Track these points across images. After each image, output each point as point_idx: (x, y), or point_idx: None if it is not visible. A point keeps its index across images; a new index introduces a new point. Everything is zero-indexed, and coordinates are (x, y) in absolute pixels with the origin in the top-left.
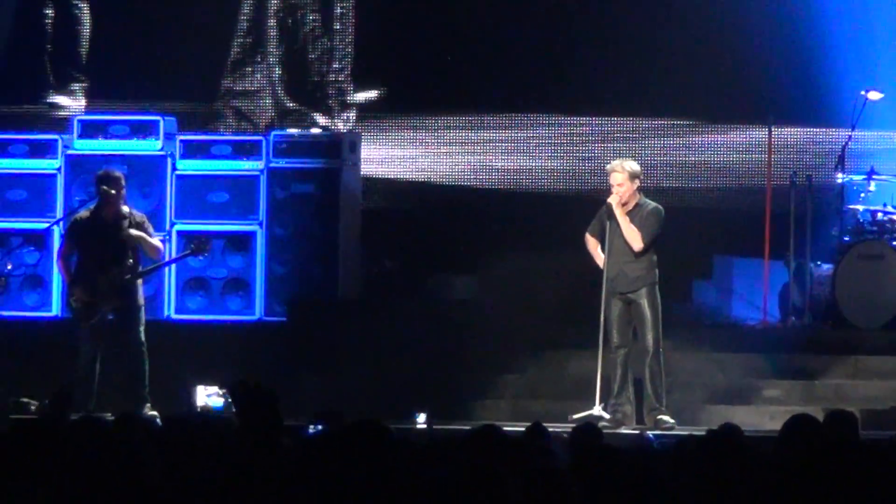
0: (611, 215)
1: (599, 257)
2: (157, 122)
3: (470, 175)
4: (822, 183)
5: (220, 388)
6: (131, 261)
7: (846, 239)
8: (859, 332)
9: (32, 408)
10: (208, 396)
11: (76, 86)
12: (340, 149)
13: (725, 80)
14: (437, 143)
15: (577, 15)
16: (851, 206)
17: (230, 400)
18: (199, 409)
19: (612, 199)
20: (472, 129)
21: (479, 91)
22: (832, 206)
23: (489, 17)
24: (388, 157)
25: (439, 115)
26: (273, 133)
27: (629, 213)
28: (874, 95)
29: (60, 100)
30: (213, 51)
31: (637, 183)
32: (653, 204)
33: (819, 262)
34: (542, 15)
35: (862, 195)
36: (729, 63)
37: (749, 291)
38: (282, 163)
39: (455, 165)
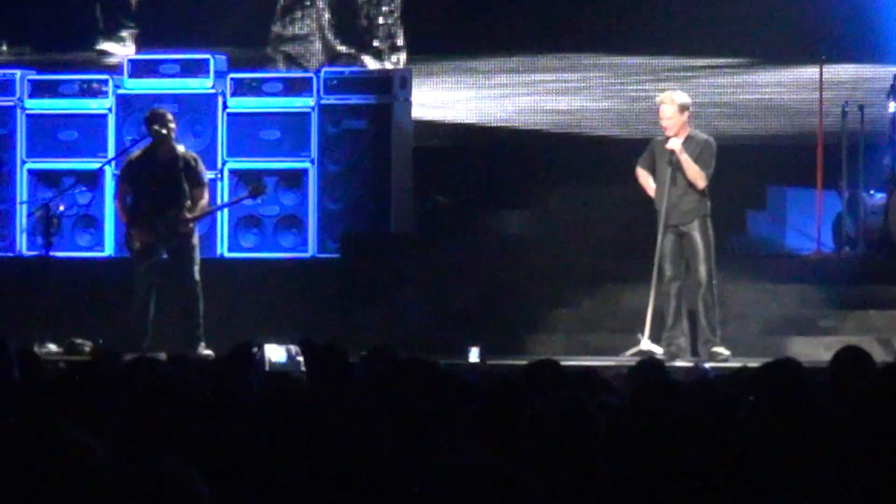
0: (663, 151)
1: (651, 188)
2: (208, 60)
3: (521, 117)
4: (874, 114)
5: (284, 343)
6: (189, 201)
7: None
8: None
9: (87, 349)
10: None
11: (125, 32)
12: (391, 84)
13: (776, 17)
14: (487, 85)
15: None
16: None
17: (298, 357)
18: (268, 368)
19: (675, 145)
20: (521, 71)
21: (529, 32)
22: (885, 134)
23: None
24: (437, 99)
25: (488, 57)
26: (324, 69)
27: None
28: None
29: (110, 46)
30: None
31: (687, 115)
32: (704, 136)
33: (872, 192)
34: None
35: None
36: (780, 0)
37: (802, 222)
38: (333, 99)
39: (505, 107)
